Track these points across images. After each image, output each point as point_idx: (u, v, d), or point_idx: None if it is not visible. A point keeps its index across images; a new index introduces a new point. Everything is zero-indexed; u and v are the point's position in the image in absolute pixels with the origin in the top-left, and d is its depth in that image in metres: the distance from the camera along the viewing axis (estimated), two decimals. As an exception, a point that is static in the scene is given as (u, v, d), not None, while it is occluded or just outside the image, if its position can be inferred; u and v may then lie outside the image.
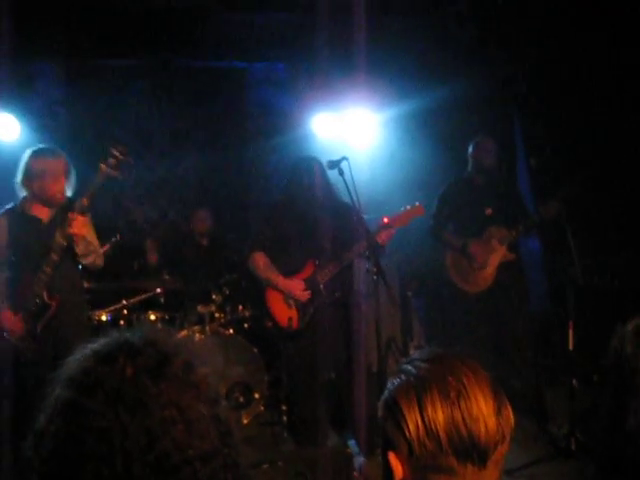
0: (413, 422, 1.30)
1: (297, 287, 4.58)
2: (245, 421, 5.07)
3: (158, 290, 5.34)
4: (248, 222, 6.66)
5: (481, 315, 5.30)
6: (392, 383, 1.39)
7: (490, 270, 5.24)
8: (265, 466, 4.36)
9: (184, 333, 5.05)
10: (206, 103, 6.74)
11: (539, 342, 5.61)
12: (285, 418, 4.88)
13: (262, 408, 5.20)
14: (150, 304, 5.39)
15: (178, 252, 5.85)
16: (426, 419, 1.29)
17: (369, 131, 6.06)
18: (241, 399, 5.09)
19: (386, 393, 1.38)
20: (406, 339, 6.01)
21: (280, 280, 4.61)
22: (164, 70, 6.58)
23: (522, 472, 4.12)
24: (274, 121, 6.63)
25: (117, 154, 4.04)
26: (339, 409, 4.80)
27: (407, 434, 1.30)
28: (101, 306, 5.17)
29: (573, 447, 4.30)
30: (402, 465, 1.32)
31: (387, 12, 6.05)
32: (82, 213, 3.99)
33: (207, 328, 5.07)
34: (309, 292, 4.57)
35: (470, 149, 5.43)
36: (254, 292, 5.11)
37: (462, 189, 5.43)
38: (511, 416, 1.36)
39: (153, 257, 5.90)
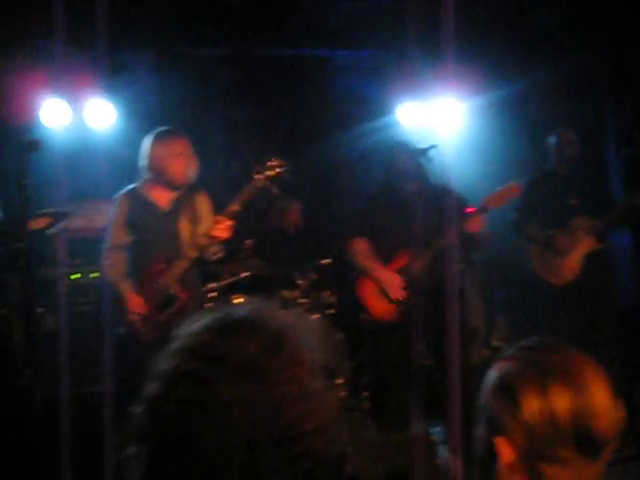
0: (535, 409, 1.29)
1: (394, 282, 4.48)
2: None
3: (244, 274, 5.44)
4: (333, 210, 6.70)
5: (567, 307, 5.20)
6: (504, 369, 1.39)
7: (576, 261, 5.14)
8: (348, 450, 4.39)
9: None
10: (291, 91, 6.80)
11: (629, 338, 5.47)
12: (366, 405, 4.88)
13: (344, 393, 5.24)
14: (236, 288, 5.50)
15: (265, 238, 5.95)
16: (550, 407, 1.29)
17: (455, 119, 6.00)
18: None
19: (497, 379, 1.39)
20: (489, 331, 5.96)
21: (377, 270, 4.53)
22: (249, 59, 6.67)
23: (610, 470, 4.05)
24: (360, 109, 6.62)
25: (274, 168, 4.12)
26: (427, 396, 4.77)
27: (526, 420, 1.30)
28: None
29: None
30: (512, 451, 1.33)
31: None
32: (230, 219, 4.06)
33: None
34: (404, 289, 4.47)
35: (552, 140, 5.33)
36: (344, 280, 5.11)
37: (546, 181, 5.35)
38: (621, 413, 1.35)
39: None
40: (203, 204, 4.33)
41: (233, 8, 6.06)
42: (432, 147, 4.29)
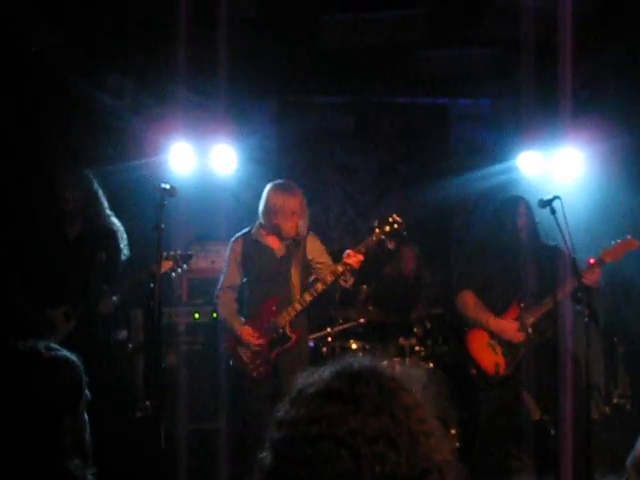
0: None
1: (511, 328, 4.42)
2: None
3: (361, 320, 5.48)
4: (449, 258, 6.67)
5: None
6: None
7: None
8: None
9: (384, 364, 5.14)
10: (409, 138, 6.87)
11: None
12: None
13: (457, 444, 5.15)
14: (352, 333, 5.55)
15: (382, 284, 5.99)
16: None
17: (577, 169, 5.87)
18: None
19: None
20: (610, 386, 5.73)
21: (491, 320, 4.47)
22: (368, 106, 6.79)
23: None
24: (479, 157, 6.60)
25: (394, 225, 4.31)
26: (544, 452, 4.63)
27: None
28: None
29: None
30: None
31: (594, 46, 5.88)
32: (364, 250, 4.28)
33: (407, 360, 5.13)
34: (523, 333, 4.41)
35: None
36: (455, 334, 5.07)
37: None
38: None
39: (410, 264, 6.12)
40: (314, 246, 4.57)
41: (352, 57, 6.21)
42: (556, 198, 4.21)
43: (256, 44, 6.00)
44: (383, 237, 4.30)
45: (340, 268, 4.29)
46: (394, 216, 4.35)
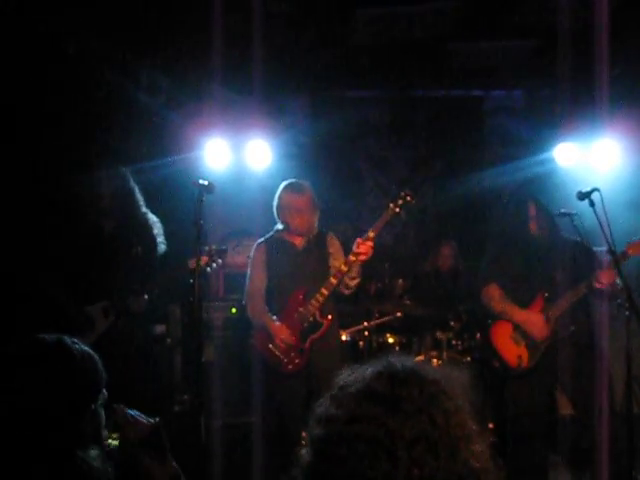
0: None
1: (538, 320, 4.41)
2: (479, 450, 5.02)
3: (398, 314, 5.49)
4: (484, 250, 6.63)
5: None
6: None
7: None
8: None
9: (421, 357, 5.16)
10: (445, 132, 6.84)
11: None
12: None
13: (495, 439, 5.11)
14: (388, 327, 5.56)
15: (419, 278, 5.99)
16: None
17: (615, 160, 5.79)
18: (474, 427, 5.04)
19: None
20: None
21: (517, 312, 4.47)
22: (402, 100, 6.78)
23: None
24: (513, 149, 6.56)
25: (406, 197, 4.45)
26: (576, 448, 4.60)
27: None
28: (343, 327, 5.37)
29: None
30: None
31: (632, 33, 5.78)
32: (373, 236, 4.39)
33: (444, 354, 5.13)
34: (548, 327, 4.39)
35: None
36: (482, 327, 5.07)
37: None
38: None
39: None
40: (333, 244, 4.70)
41: (385, 51, 6.20)
42: (595, 190, 4.15)
43: (290, 39, 6.02)
44: (397, 210, 4.45)
45: (352, 257, 4.38)
46: (406, 190, 4.51)
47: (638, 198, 5.92)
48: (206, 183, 3.89)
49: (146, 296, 4.37)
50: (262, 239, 4.75)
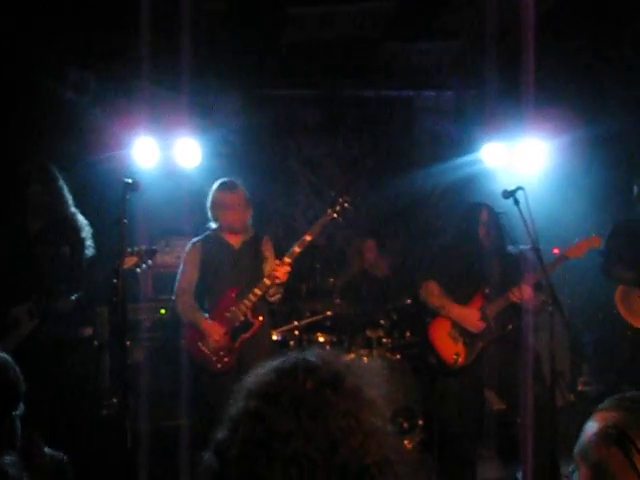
0: None
1: (473, 316, 4.50)
2: (408, 447, 5.08)
3: (328, 313, 5.49)
4: (415, 250, 6.70)
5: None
6: (614, 419, 1.38)
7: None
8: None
9: (351, 356, 5.16)
10: (375, 131, 6.88)
11: None
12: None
13: (425, 435, 5.17)
14: (319, 326, 5.56)
15: (348, 277, 6.00)
16: None
17: (540, 159, 5.93)
18: (405, 425, 5.10)
19: (608, 428, 1.38)
20: (575, 374, 5.82)
21: (454, 308, 4.54)
22: (334, 99, 6.79)
23: None
24: (442, 149, 6.65)
25: (344, 204, 4.55)
26: (507, 442, 4.69)
27: None
28: (273, 326, 5.34)
29: None
30: None
31: (557, 37, 5.94)
32: (291, 261, 4.39)
33: (374, 352, 5.15)
34: (484, 323, 4.48)
35: (636, 189, 5.25)
36: (419, 324, 5.12)
37: (631, 226, 5.23)
38: None
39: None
40: (267, 248, 4.73)
41: (317, 50, 6.20)
42: (519, 189, 4.24)
43: (221, 36, 5.96)
44: (335, 216, 4.53)
45: (267, 281, 4.42)
46: (344, 196, 4.61)
47: (564, 197, 6.09)
48: (131, 181, 3.81)
49: (73, 297, 4.26)
50: (197, 238, 4.71)
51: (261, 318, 4.50)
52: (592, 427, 1.43)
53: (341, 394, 1.16)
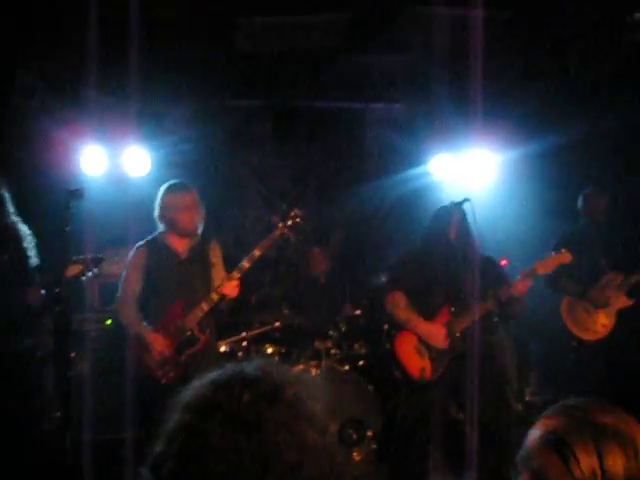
0: (589, 469, 1.29)
1: (439, 333, 4.39)
2: (357, 458, 5.07)
3: (277, 324, 5.46)
4: (364, 260, 6.71)
5: (598, 363, 5.15)
6: (554, 426, 1.39)
7: (609, 317, 5.11)
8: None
9: (300, 367, 5.14)
10: (326, 142, 6.90)
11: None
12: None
13: (375, 446, 5.17)
14: (268, 337, 5.52)
15: (296, 287, 5.98)
16: (605, 469, 1.29)
17: (488, 172, 6.02)
18: (354, 436, 5.08)
19: (548, 434, 1.38)
20: (522, 384, 5.89)
21: (421, 324, 4.43)
22: (285, 110, 6.78)
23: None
24: (393, 161, 6.68)
25: (296, 218, 4.44)
26: (460, 452, 4.69)
27: (579, 478, 1.29)
28: (221, 337, 5.28)
29: None
30: None
31: (507, 52, 6.04)
32: (239, 276, 4.32)
33: (323, 363, 5.13)
34: (449, 340, 4.38)
35: (580, 202, 5.37)
36: (378, 333, 5.09)
37: (576, 240, 5.34)
38: None
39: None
40: (215, 254, 4.62)
41: (269, 61, 6.19)
42: (466, 200, 4.30)
43: (172, 45, 5.91)
44: (286, 231, 4.42)
45: (214, 296, 4.35)
46: (296, 210, 4.47)
47: (512, 209, 6.18)
48: (75, 189, 3.75)
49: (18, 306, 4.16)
50: (142, 242, 4.58)
51: (208, 333, 4.43)
52: (534, 434, 1.44)
53: (278, 407, 1.14)
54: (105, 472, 4.34)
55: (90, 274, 4.30)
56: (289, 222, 4.43)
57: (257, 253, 4.35)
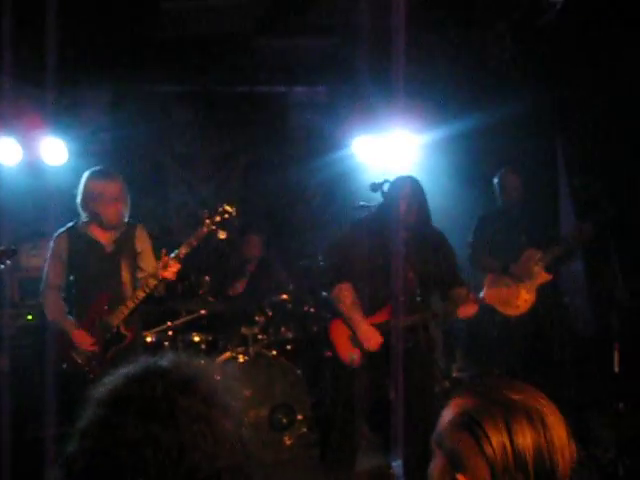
0: (499, 445, 1.31)
1: (374, 340, 4.24)
2: (288, 442, 5.09)
3: (202, 312, 5.41)
4: (289, 244, 6.71)
5: (520, 338, 5.29)
6: (464, 406, 1.39)
7: (530, 292, 5.24)
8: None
9: (227, 354, 5.11)
10: (248, 127, 6.84)
11: (585, 366, 5.54)
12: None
13: (305, 429, 5.20)
14: (194, 326, 5.47)
15: (222, 274, 5.93)
16: (515, 444, 1.31)
17: (410, 153, 6.07)
18: (284, 420, 5.09)
19: (459, 415, 1.39)
20: (449, 361, 6.00)
21: (362, 325, 4.27)
22: (206, 95, 6.70)
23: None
24: (316, 144, 6.67)
25: (224, 214, 4.21)
26: (387, 429, 4.73)
27: (491, 456, 1.31)
28: (147, 327, 5.18)
29: (621, 472, 4.23)
30: None
31: (427, 34, 6.09)
32: (178, 262, 4.13)
33: (250, 349, 5.11)
34: (381, 344, 4.25)
35: (495, 181, 5.48)
36: (309, 316, 5.06)
37: (495, 219, 5.46)
38: (575, 447, 1.37)
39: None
40: (142, 240, 4.43)
41: (190, 46, 6.09)
42: (386, 182, 4.30)
43: (90, 30, 5.75)
44: (214, 227, 4.22)
45: (151, 281, 4.17)
46: (225, 206, 4.26)
47: (431, 188, 6.25)
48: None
49: None
50: (63, 229, 4.34)
51: (134, 329, 4.31)
52: (447, 414, 1.44)
53: (193, 397, 1.13)
54: (31, 471, 4.24)
55: (2, 267, 4.14)
56: (217, 218, 4.21)
57: (183, 251, 4.15)
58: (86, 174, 4.31)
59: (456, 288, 4.42)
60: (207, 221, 4.21)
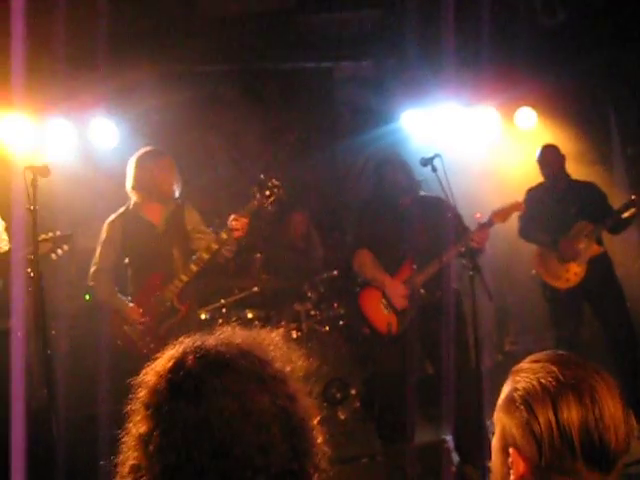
0: (546, 422, 1.31)
1: (398, 291, 4.43)
2: (342, 417, 5.14)
3: (255, 289, 5.47)
4: (342, 221, 6.70)
5: (572, 311, 5.21)
6: (516, 382, 1.40)
7: (581, 265, 5.15)
8: (364, 460, 4.39)
9: (280, 330, 5.16)
10: (295, 104, 6.83)
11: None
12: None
13: (359, 404, 5.24)
14: (247, 303, 5.53)
15: (274, 252, 5.97)
16: (560, 421, 1.30)
17: (460, 126, 5.99)
18: (338, 395, 5.15)
19: (510, 391, 1.40)
20: (502, 335, 5.96)
21: (387, 280, 4.47)
22: (252, 73, 6.70)
23: (623, 471, 3.99)
24: (363, 119, 6.63)
25: (274, 189, 4.29)
26: (437, 405, 4.75)
27: (538, 433, 1.32)
28: (201, 305, 5.25)
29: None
30: (524, 462, 1.35)
31: (475, 4, 5.97)
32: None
33: (303, 325, 5.16)
34: (408, 299, 4.42)
35: (537, 155, 5.37)
36: (348, 296, 5.11)
37: (545, 192, 5.36)
38: (635, 426, 1.36)
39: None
40: (192, 217, 4.53)
41: (234, 24, 6.09)
42: (436, 156, 4.26)
43: (136, 13, 5.80)
44: (264, 202, 4.30)
45: (224, 235, 4.24)
46: (273, 180, 4.33)
47: (482, 162, 6.18)
48: (39, 166, 3.67)
49: None
50: (114, 215, 4.48)
51: (188, 304, 4.40)
52: (504, 390, 1.46)
53: (226, 375, 1.14)
54: (90, 447, 4.37)
55: (60, 252, 4.23)
56: (267, 193, 4.29)
57: (245, 213, 4.26)
58: (135, 156, 4.44)
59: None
60: (257, 195, 4.28)
